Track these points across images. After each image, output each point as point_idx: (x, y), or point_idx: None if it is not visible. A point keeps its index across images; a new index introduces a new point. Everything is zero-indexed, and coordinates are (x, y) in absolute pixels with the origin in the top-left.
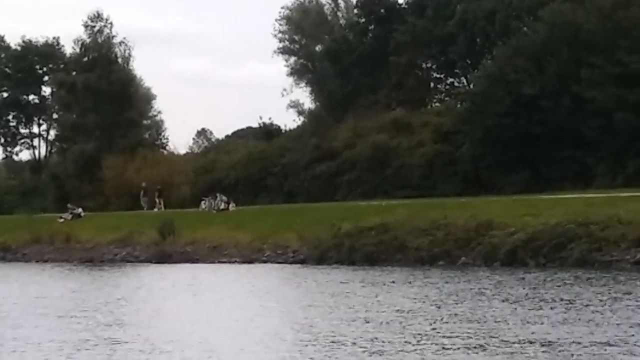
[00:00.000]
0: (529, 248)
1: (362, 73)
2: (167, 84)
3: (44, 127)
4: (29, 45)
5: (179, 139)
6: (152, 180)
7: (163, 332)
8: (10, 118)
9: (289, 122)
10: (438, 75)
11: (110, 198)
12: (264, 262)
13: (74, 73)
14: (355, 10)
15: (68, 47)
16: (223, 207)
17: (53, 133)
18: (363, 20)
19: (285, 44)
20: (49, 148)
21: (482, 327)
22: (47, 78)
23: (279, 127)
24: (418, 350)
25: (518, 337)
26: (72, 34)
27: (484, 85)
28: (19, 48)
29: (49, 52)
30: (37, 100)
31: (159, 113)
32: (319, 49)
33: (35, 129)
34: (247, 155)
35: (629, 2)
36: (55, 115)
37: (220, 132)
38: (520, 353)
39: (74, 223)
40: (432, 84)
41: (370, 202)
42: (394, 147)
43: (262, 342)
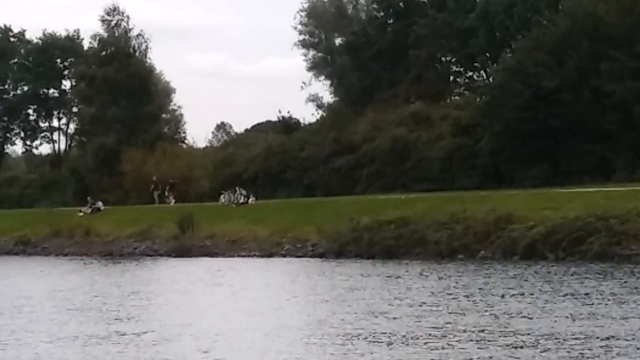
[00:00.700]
0: (549, 242)
1: (381, 67)
2: (185, 78)
3: (64, 120)
4: (50, 39)
5: (198, 133)
6: (167, 175)
7: (177, 325)
8: (31, 112)
9: (308, 115)
10: (457, 69)
11: (130, 192)
12: (283, 256)
13: (94, 67)
14: (374, 5)
15: (87, 40)
16: (242, 200)
17: (73, 127)
18: (382, 14)
19: (306, 37)
20: (69, 142)
21: (495, 320)
22: (67, 71)
23: (298, 120)
24: (433, 344)
25: (532, 330)
26: (90, 28)
27: (504, 79)
28: (40, 42)
29: (69, 45)
30: (57, 94)
31: (179, 107)
32: (339, 43)
33: (55, 123)
34: (266, 149)
35: None
36: (75, 109)
37: (240, 125)
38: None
39: (94, 217)
40: (451, 78)
41: (390, 195)
42: (413, 140)
43: (277, 335)
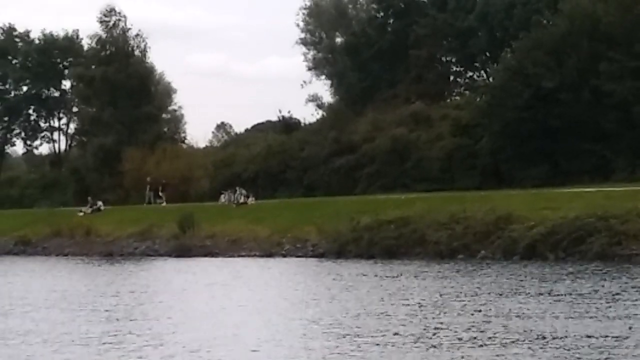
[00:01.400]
0: (549, 242)
1: (381, 67)
2: (185, 78)
3: (64, 120)
4: (50, 39)
5: (198, 133)
6: (164, 175)
7: (172, 325)
8: (31, 112)
9: (308, 115)
10: (458, 69)
11: (130, 191)
12: (283, 256)
13: (93, 67)
14: (374, 5)
15: (86, 41)
16: (242, 200)
17: (73, 127)
18: (382, 14)
19: (307, 36)
20: (69, 142)
21: (491, 320)
22: (67, 72)
23: (298, 120)
24: (432, 344)
25: (527, 329)
26: (89, 28)
27: (503, 79)
28: (40, 42)
29: (69, 45)
30: (57, 94)
31: (180, 108)
32: (339, 43)
33: (56, 123)
34: (266, 149)
35: None
36: (75, 109)
37: (240, 125)
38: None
39: (94, 216)
40: (451, 78)
41: (390, 195)
42: (413, 140)
43: (276, 336)
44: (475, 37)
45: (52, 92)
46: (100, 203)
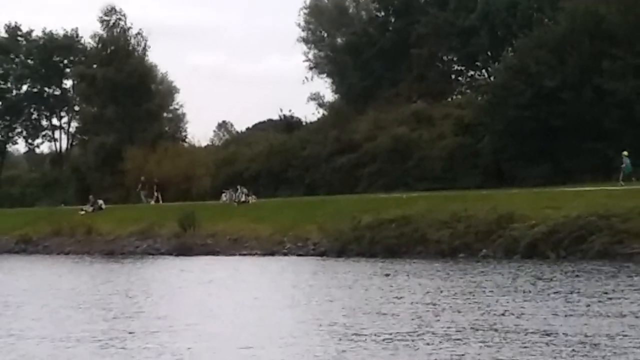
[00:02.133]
0: (550, 241)
1: (383, 66)
2: (186, 77)
3: (65, 119)
4: (51, 38)
5: (200, 132)
6: (157, 175)
7: (171, 323)
8: (32, 110)
9: (310, 114)
10: (459, 68)
11: (131, 190)
12: (285, 254)
13: (94, 66)
14: (376, 4)
15: (87, 40)
16: (244, 199)
17: (74, 125)
18: (384, 13)
19: (308, 35)
20: (70, 140)
21: (488, 318)
22: (68, 70)
23: (300, 119)
24: (432, 343)
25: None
26: (90, 27)
27: (505, 78)
28: (41, 40)
29: (70, 44)
30: (58, 93)
31: (181, 107)
32: (340, 42)
33: (57, 122)
34: (267, 148)
35: None
36: (77, 108)
37: (241, 124)
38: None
39: (95, 215)
40: (453, 77)
41: (391, 194)
42: (415, 139)
43: (278, 335)
44: (477, 36)
45: (53, 90)
46: (101, 202)
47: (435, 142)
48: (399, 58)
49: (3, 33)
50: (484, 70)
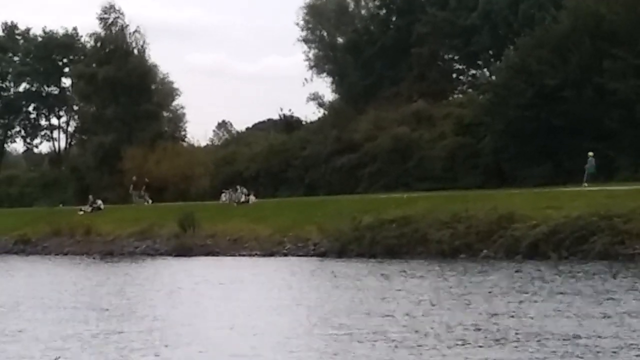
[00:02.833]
0: (551, 241)
1: (383, 65)
2: (186, 77)
3: (64, 119)
4: (50, 37)
5: (199, 131)
6: (143, 174)
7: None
8: (31, 109)
9: (310, 114)
10: (460, 67)
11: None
12: (285, 255)
13: (94, 65)
14: (376, 2)
15: (85, 39)
16: (243, 199)
17: (73, 125)
18: (384, 12)
19: (307, 34)
20: (69, 140)
21: (491, 319)
22: (67, 69)
23: (300, 119)
24: (431, 343)
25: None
26: (88, 26)
27: (506, 77)
28: (40, 39)
29: (69, 43)
30: (57, 92)
31: (182, 107)
32: (340, 41)
33: (55, 121)
34: (267, 148)
35: None
36: (76, 107)
37: (241, 124)
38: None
39: (94, 215)
40: (454, 76)
41: (392, 194)
42: (416, 139)
43: (278, 337)
44: (478, 35)
45: (52, 89)
46: (100, 202)
47: (436, 141)
48: (400, 57)
49: (0, 32)
50: (485, 70)
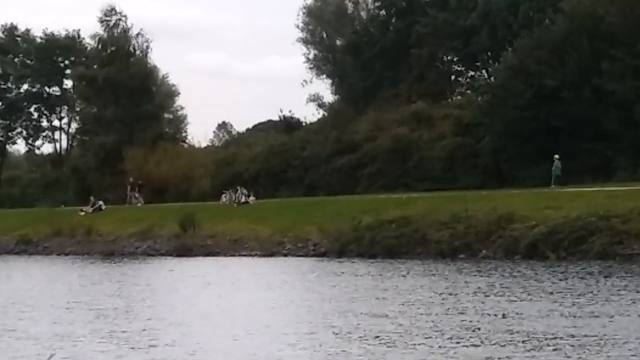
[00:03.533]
0: (550, 241)
1: (383, 66)
2: (186, 78)
3: (66, 120)
4: (51, 38)
5: (200, 132)
6: (137, 176)
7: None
8: (32, 110)
9: (309, 115)
10: (459, 68)
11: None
12: (285, 255)
13: (95, 67)
14: (376, 3)
15: (87, 40)
16: (244, 200)
17: (74, 126)
18: (384, 13)
19: (307, 35)
20: (70, 141)
21: (490, 320)
22: (68, 71)
23: (300, 120)
24: (430, 344)
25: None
26: (89, 27)
27: (505, 78)
28: (42, 40)
29: (71, 44)
30: (58, 93)
31: (182, 108)
32: (340, 42)
33: (57, 122)
34: (267, 148)
35: None
36: (77, 108)
37: (241, 125)
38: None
39: (95, 216)
40: (453, 77)
41: (391, 195)
42: (415, 139)
43: (277, 336)
44: (477, 36)
45: (53, 91)
46: (101, 202)
47: (435, 142)
48: (399, 58)
49: (1, 34)
50: (484, 71)
